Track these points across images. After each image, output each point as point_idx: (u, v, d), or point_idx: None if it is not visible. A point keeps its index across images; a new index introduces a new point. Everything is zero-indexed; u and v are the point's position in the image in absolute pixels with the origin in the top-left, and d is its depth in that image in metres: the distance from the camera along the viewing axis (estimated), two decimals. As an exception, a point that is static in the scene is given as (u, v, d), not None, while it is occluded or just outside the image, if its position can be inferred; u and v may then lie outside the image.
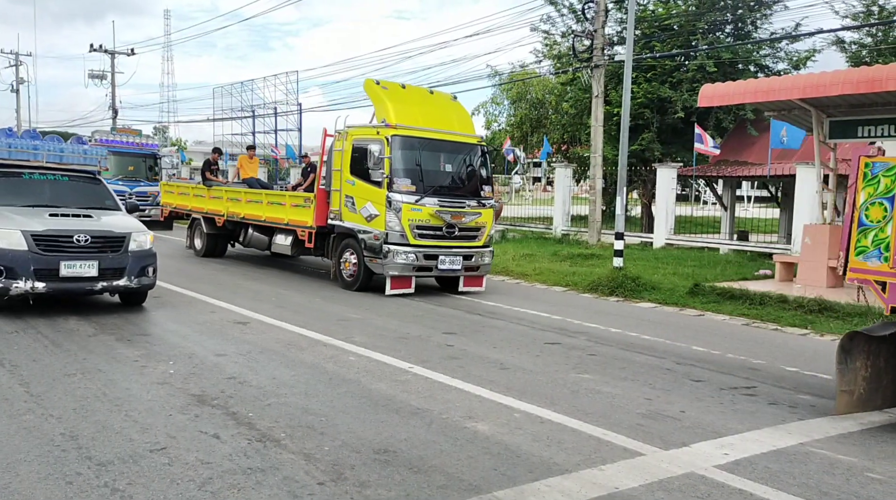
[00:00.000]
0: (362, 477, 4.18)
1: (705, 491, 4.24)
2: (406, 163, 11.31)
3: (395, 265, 11.15)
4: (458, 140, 11.99)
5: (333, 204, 12.14)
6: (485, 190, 12.12)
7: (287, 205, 13.23)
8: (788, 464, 4.75)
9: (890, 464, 4.85)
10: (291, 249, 13.40)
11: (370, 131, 11.57)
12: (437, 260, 11.38)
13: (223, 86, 37.08)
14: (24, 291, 8.05)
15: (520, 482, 4.24)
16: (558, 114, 29.10)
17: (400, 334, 8.43)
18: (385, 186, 11.13)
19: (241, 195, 14.69)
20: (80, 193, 9.79)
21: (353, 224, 11.70)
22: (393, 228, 11.10)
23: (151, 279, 9.00)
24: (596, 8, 19.14)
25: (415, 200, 11.12)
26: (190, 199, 16.50)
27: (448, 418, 5.38)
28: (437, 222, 11.27)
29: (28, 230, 8.14)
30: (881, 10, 24.87)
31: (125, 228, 8.83)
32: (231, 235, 15.70)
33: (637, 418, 5.64)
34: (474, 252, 11.77)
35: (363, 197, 11.48)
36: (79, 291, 8.51)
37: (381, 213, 11.16)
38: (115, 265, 8.54)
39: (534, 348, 8.09)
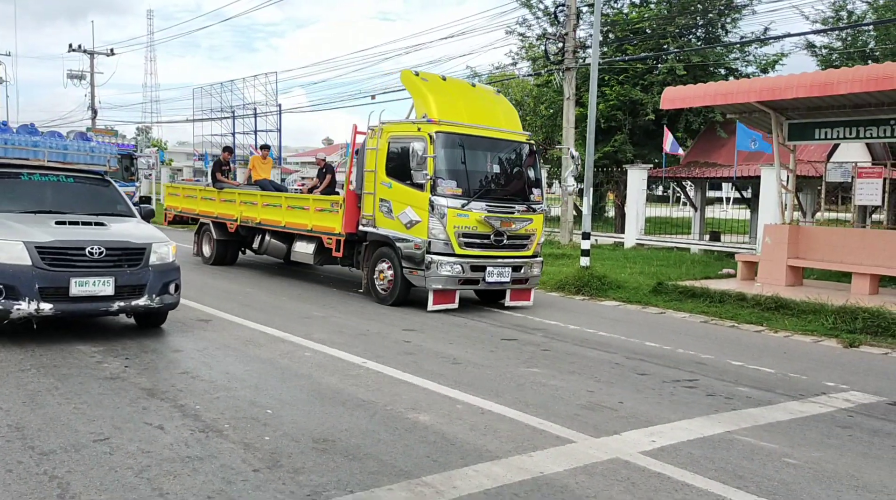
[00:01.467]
0: (297, 464, 4.35)
1: (625, 475, 4.44)
2: (451, 163, 10.17)
3: (439, 278, 9.93)
4: (505, 138, 10.88)
5: (366, 209, 10.90)
6: (535, 193, 10.95)
7: (311, 210, 12.02)
8: (711, 450, 4.98)
9: (808, 450, 5.08)
10: (314, 257, 12.16)
11: (410, 128, 10.41)
12: (484, 272, 10.18)
13: (203, 86, 37.14)
14: (27, 313, 6.77)
15: (450, 467, 4.43)
16: (535, 115, 29.39)
17: (360, 331, 8.60)
18: (428, 189, 9.94)
19: (257, 199, 13.39)
20: (88, 196, 8.55)
21: (389, 231, 10.47)
22: (436, 236, 9.90)
23: (175, 297, 7.71)
24: (567, 11, 19.40)
25: (461, 204, 9.94)
26: (197, 202, 15.22)
27: (392, 409, 5.56)
28: (484, 230, 10.12)
29: (32, 241, 6.88)
30: (850, 14, 25.37)
31: (144, 238, 7.59)
32: (243, 241, 14.46)
33: (576, 408, 5.85)
34: (524, 263, 10.60)
35: (402, 201, 10.29)
36: (92, 312, 7.28)
37: (423, 219, 9.96)
38: (134, 282, 7.28)
39: (489, 344, 8.29)
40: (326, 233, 11.60)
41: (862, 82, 10.59)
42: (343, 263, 11.86)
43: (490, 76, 34.29)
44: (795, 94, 11.30)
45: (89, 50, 44.13)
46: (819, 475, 4.61)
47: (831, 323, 10.04)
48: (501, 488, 4.16)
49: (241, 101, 34.17)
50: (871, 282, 12.20)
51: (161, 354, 7.08)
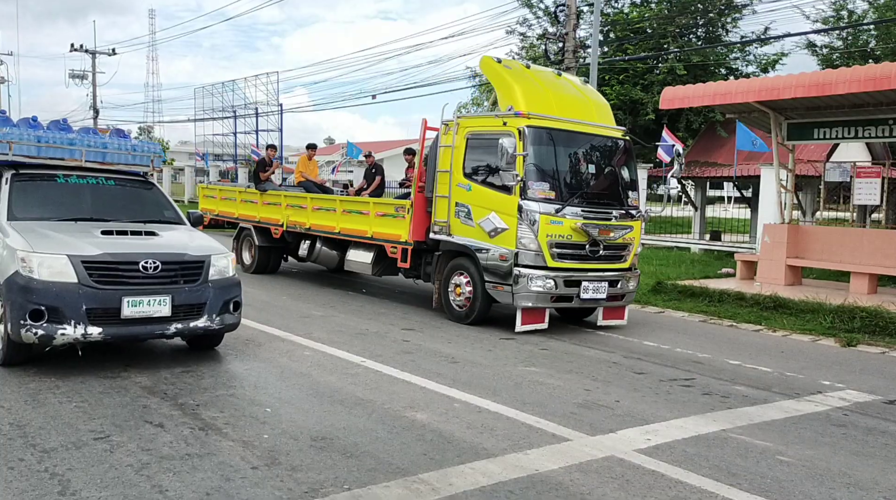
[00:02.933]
0: (295, 462, 4.40)
1: (620, 472, 4.49)
2: (542, 162, 8.88)
3: (529, 294, 8.69)
4: (600, 133, 9.58)
5: (438, 214, 9.66)
6: (632, 196, 9.69)
7: (371, 214, 10.82)
8: (705, 448, 5.02)
9: (801, 448, 5.13)
10: (373, 267, 11.00)
11: (493, 122, 9.18)
12: (579, 287, 8.88)
13: (205, 86, 37.25)
14: (73, 339, 5.84)
15: (446, 465, 4.48)
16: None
17: (359, 331, 8.65)
18: (517, 192, 8.67)
19: (307, 202, 12.23)
20: (132, 201, 7.64)
21: (468, 240, 9.22)
22: (526, 245, 8.62)
23: (236, 317, 6.81)
24: (567, 11, 19.44)
25: (554, 209, 8.66)
26: (237, 205, 14.10)
27: (390, 408, 5.61)
28: (579, 239, 8.82)
29: (77, 255, 5.95)
30: (850, 14, 25.38)
31: (201, 249, 6.69)
32: (286, 247, 13.41)
33: (572, 407, 5.90)
34: (620, 276, 9.34)
35: (484, 206, 9.04)
36: (146, 336, 6.37)
37: (511, 226, 8.69)
38: (193, 301, 6.38)
39: (487, 344, 8.33)
40: (390, 241, 10.42)
41: (860, 82, 10.62)
42: (407, 274, 10.66)
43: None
44: (794, 94, 11.34)
45: (91, 50, 44.25)
46: (812, 472, 4.66)
47: (829, 322, 10.08)
48: (497, 485, 4.21)
49: (243, 100, 34.25)
50: (870, 281, 12.24)
51: (161, 353, 7.13)
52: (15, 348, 6.08)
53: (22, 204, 6.96)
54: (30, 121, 7.91)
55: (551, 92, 9.64)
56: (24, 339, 5.81)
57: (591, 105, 10.01)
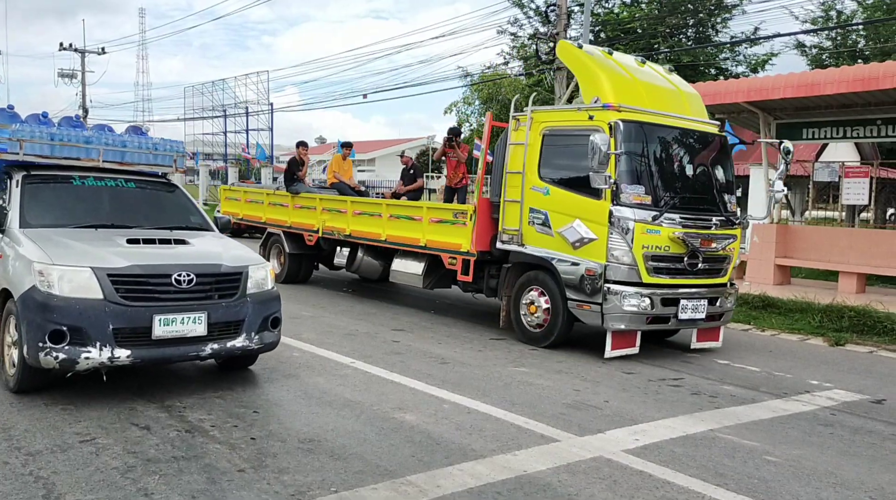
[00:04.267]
0: (283, 465, 4.38)
1: (608, 473, 4.50)
2: (637, 162, 7.81)
3: (622, 315, 7.55)
4: (697, 128, 8.45)
5: (507, 221, 8.57)
6: (730, 201, 8.59)
7: (424, 221, 9.73)
8: (693, 448, 5.04)
9: (788, 448, 5.15)
10: (424, 279, 9.93)
11: (576, 116, 8.03)
12: (677, 306, 7.76)
13: (195, 85, 37.18)
14: (98, 363, 5.18)
15: (434, 466, 4.47)
16: (527, 115, 29.49)
17: (348, 331, 8.63)
18: (607, 197, 7.55)
19: (347, 206, 11.10)
20: (155, 205, 6.98)
21: (545, 251, 8.15)
22: (618, 258, 7.53)
23: (276, 335, 6.13)
24: (558, 11, 19.46)
25: (651, 217, 7.56)
26: (264, 208, 12.97)
27: (379, 409, 5.60)
28: (677, 250, 7.69)
29: (103, 267, 5.28)
30: (839, 14, 25.54)
31: (238, 260, 6.02)
32: (319, 255, 12.38)
33: (561, 407, 5.90)
34: (719, 293, 8.22)
35: (565, 212, 7.94)
36: (179, 358, 5.67)
37: (600, 236, 7.58)
38: (230, 317, 5.71)
39: (478, 344, 8.33)
40: (448, 251, 9.31)
41: (848, 82, 10.69)
42: (466, 288, 9.66)
43: (482, 75, 34.35)
44: (783, 94, 11.40)
45: (80, 49, 43.97)
46: (798, 472, 4.68)
47: (818, 322, 10.13)
48: (485, 486, 4.21)
49: (233, 99, 34.21)
50: (858, 281, 12.32)
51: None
52: (31, 373, 5.36)
53: (35, 209, 6.26)
54: (39, 117, 7.36)
55: (639, 81, 8.42)
56: (42, 364, 5.12)
57: (683, 96, 8.80)
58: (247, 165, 35.04)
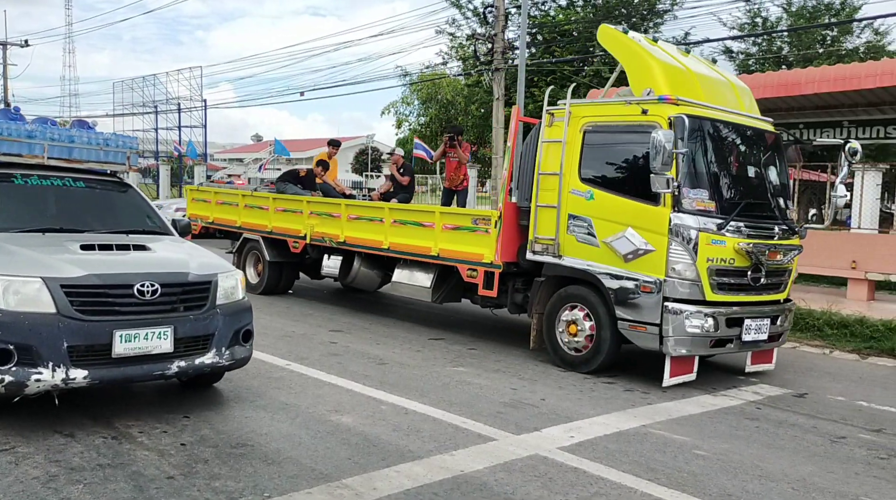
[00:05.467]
0: (214, 470, 4.27)
1: (543, 471, 4.55)
2: (699, 163, 6.93)
3: (683, 338, 6.64)
4: (755, 126, 7.61)
5: (541, 228, 7.58)
6: (789, 207, 7.87)
7: (437, 227, 8.62)
8: (626, 444, 5.14)
9: (717, 442, 5.31)
10: (433, 292, 8.89)
11: (626, 110, 7.05)
12: (741, 327, 6.91)
13: (124, 80, 36.03)
14: (50, 385, 4.61)
15: (371, 469, 4.43)
16: (466, 115, 29.61)
17: (284, 333, 8.49)
18: (667, 202, 6.63)
19: (340, 209, 9.98)
20: (108, 207, 6.39)
21: (588, 264, 7.20)
22: (680, 273, 6.61)
23: (248, 350, 5.64)
24: (496, 12, 19.62)
25: (716, 225, 6.69)
26: (239, 211, 11.71)
27: (314, 412, 5.52)
28: (742, 263, 6.84)
29: (55, 277, 4.71)
30: (765, 21, 26.53)
31: (206, 268, 5.48)
32: (302, 263, 11.27)
33: (499, 406, 5.93)
34: (780, 311, 7.38)
35: (614, 219, 7.01)
36: (142, 378, 5.08)
37: (659, 247, 6.66)
38: (199, 332, 5.19)
39: (416, 344, 8.31)
40: (466, 261, 8.28)
41: (773, 87, 11.10)
42: (485, 303, 8.64)
43: (421, 75, 34.38)
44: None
45: (2, 41, 42.10)
46: (726, 465, 4.82)
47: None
48: (421, 488, 4.19)
49: (165, 95, 33.30)
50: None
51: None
52: None
53: None
54: None
55: (693, 72, 7.52)
56: None
57: (735, 89, 7.96)
58: (179, 162, 34.17)
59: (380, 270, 9.82)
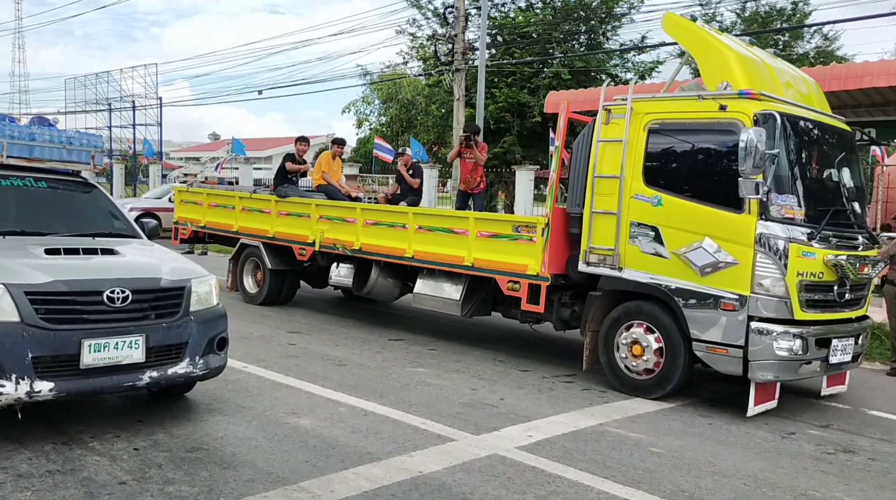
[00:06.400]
0: (168, 475, 4.20)
1: (502, 470, 4.57)
2: (786, 166, 6.22)
3: (772, 362, 5.94)
4: (835, 125, 6.98)
5: (597, 237, 6.82)
6: (867, 213, 7.30)
7: (471, 235, 7.84)
8: (583, 442, 5.20)
9: (671, 439, 5.40)
10: (463, 306, 8.12)
11: (699, 106, 6.37)
12: (828, 348, 6.25)
13: (77, 77, 35.16)
14: (14, 399, 4.39)
15: (329, 471, 4.40)
16: (427, 116, 29.61)
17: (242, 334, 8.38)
18: (752, 210, 5.96)
19: (356, 214, 9.17)
20: (72, 209, 6.07)
21: (654, 277, 6.47)
22: (769, 289, 5.93)
23: (223, 358, 5.44)
24: (456, 13, 19.68)
25: (807, 235, 6.04)
26: (235, 214, 10.88)
27: (272, 414, 5.46)
28: (829, 277, 6.18)
29: (19, 284, 4.49)
30: (720, 25, 27.09)
31: (178, 273, 5.27)
32: (305, 271, 10.59)
33: (458, 407, 5.95)
34: (862, 329, 6.75)
35: (687, 228, 6.30)
36: (112, 389, 4.84)
37: (743, 260, 5.97)
38: (171, 340, 4.98)
39: (376, 345, 8.28)
40: (506, 273, 7.52)
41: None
42: (525, 318, 7.87)
43: (382, 75, 34.28)
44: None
45: (-54, 33, 40.75)
46: (680, 462, 4.91)
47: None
48: (380, 489, 4.18)
49: (119, 93, 32.60)
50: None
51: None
52: None
53: None
54: None
55: (768, 65, 6.93)
56: None
57: (808, 84, 7.35)
58: (133, 161, 33.49)
59: (399, 279, 9.16)
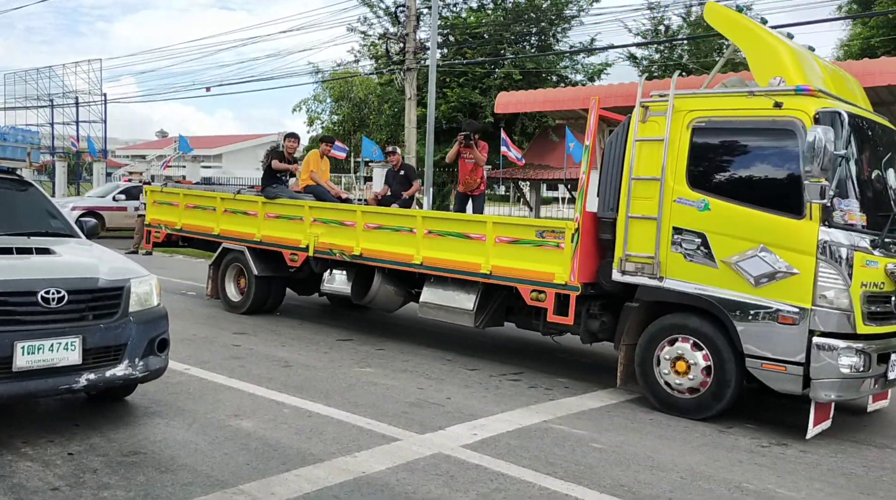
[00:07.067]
0: (103, 480, 4.10)
1: (445, 469, 4.59)
2: (850, 168, 5.82)
3: (835, 381, 5.50)
4: (885, 125, 6.62)
5: (634, 244, 6.35)
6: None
7: (489, 240, 7.31)
8: (527, 440, 5.25)
9: (613, 435, 5.49)
10: (476, 316, 7.56)
11: (750, 103, 5.97)
12: (887, 363, 5.87)
13: (17, 72, 34.03)
14: None
15: (270, 473, 4.35)
16: (379, 114, 29.52)
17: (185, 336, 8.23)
18: (815, 216, 5.56)
19: (356, 217, 8.58)
20: (6, 207, 5.85)
21: (700, 287, 6.02)
22: (832, 300, 5.52)
23: (163, 360, 5.30)
24: (407, 12, 19.65)
25: (871, 242, 5.71)
26: (217, 217, 10.14)
27: (213, 417, 5.37)
28: (890, 288, 5.83)
29: None
30: (667, 29, 27.65)
31: (117, 272, 5.13)
32: (291, 278, 9.89)
33: (404, 406, 5.94)
34: None
35: (739, 234, 5.87)
36: (47, 392, 4.72)
37: (804, 269, 5.56)
38: (110, 342, 4.85)
39: (323, 346, 8.21)
40: (529, 281, 7.00)
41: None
42: (547, 329, 7.39)
43: (333, 73, 34.02)
44: (614, 103, 12.09)
45: None
46: (620, 457, 5.00)
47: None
48: (321, 490, 4.16)
49: (62, 88, 31.65)
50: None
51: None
52: None
53: None
54: None
55: (817, 59, 6.63)
56: None
57: (853, 82, 6.97)
58: (77, 159, 32.56)
59: (404, 287, 8.58)
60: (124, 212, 19.77)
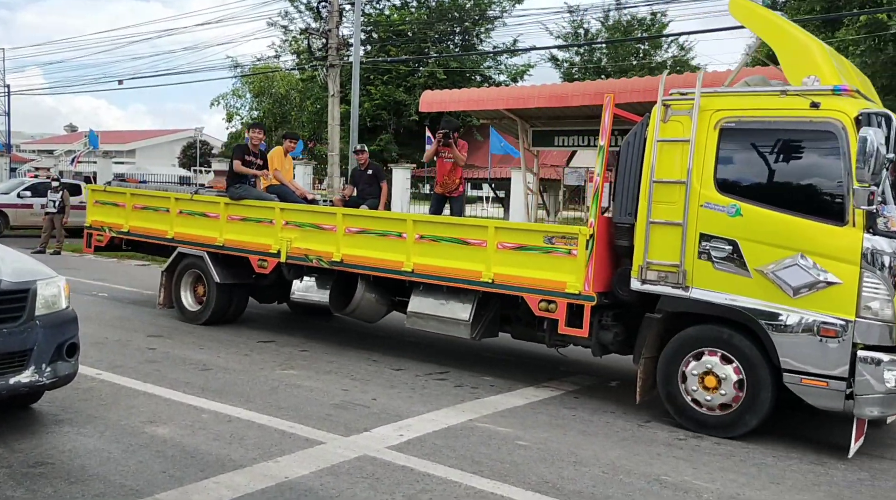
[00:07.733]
0: (7, 493, 3.87)
1: (371, 471, 4.53)
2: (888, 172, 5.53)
3: (880, 396, 5.24)
4: None
5: (656, 252, 5.97)
6: None
7: (490, 246, 6.80)
8: (453, 439, 5.25)
9: (538, 432, 5.56)
10: (472, 327, 7.07)
11: (783, 103, 5.64)
12: None
13: None
14: None
15: (187, 481, 4.20)
16: (301, 111, 29.06)
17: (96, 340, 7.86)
18: (858, 222, 5.27)
19: (336, 220, 7.91)
20: None
21: (731, 297, 5.66)
22: (877, 311, 5.27)
23: (73, 365, 5.07)
24: (330, 7, 19.40)
25: None
26: (170, 219, 9.32)
27: (126, 424, 5.15)
28: None
29: None
30: (587, 32, 28.32)
31: (22, 274, 4.90)
32: (255, 285, 9.22)
33: (328, 409, 5.85)
34: None
35: (773, 242, 5.54)
36: None
37: (848, 279, 5.27)
38: (14, 347, 4.64)
39: (244, 348, 8.00)
40: (537, 291, 6.53)
41: (590, 96, 11.76)
42: (553, 341, 6.93)
43: (253, 67, 33.28)
44: (537, 103, 12.29)
45: None
46: (545, 454, 5.06)
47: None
48: (242, 498, 4.05)
49: (-41, 78, 29.82)
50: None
51: None
52: None
53: None
54: None
55: (845, 60, 6.38)
56: None
57: (868, 83, 6.79)
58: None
59: (388, 296, 7.99)
60: (30, 209, 18.79)
